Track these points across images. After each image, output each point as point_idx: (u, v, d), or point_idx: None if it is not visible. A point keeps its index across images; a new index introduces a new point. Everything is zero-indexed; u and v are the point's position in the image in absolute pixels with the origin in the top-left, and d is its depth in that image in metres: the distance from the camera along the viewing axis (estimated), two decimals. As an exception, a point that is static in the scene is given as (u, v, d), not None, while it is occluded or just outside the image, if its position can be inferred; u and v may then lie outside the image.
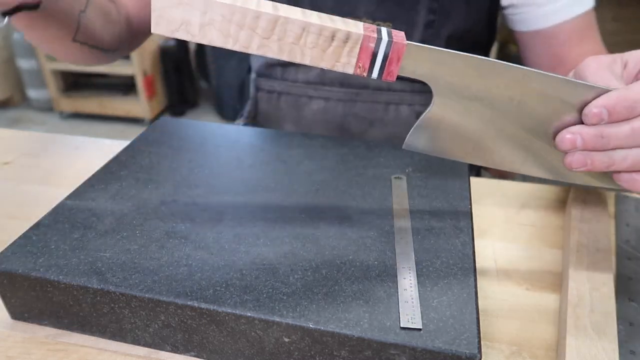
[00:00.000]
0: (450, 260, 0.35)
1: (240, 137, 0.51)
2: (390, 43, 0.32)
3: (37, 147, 0.61)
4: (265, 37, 0.32)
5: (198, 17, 0.32)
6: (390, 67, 0.32)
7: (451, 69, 0.33)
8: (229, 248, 0.36)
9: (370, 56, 0.32)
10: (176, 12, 0.32)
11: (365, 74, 0.33)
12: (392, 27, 0.63)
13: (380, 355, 0.30)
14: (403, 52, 0.32)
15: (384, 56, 0.32)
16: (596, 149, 0.32)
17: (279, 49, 0.32)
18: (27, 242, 0.36)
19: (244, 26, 0.32)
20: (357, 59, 0.32)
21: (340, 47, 0.32)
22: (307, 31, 0.32)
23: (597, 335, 0.34)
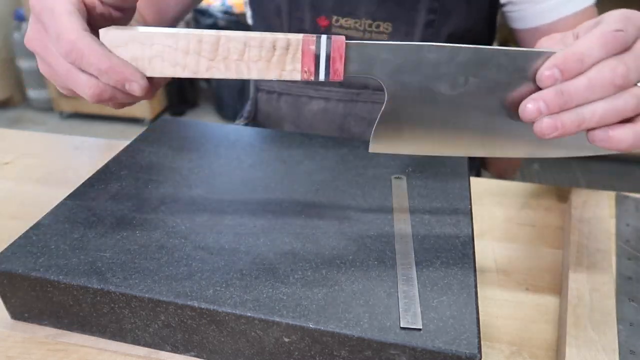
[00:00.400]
0: (450, 260, 0.35)
1: (240, 137, 0.51)
2: (330, 41, 0.32)
3: (37, 147, 0.61)
4: (211, 59, 0.33)
5: (146, 52, 0.34)
6: (335, 66, 0.33)
7: (396, 60, 0.33)
8: (229, 248, 0.36)
9: (313, 58, 0.33)
10: (125, 51, 0.34)
11: (312, 77, 0.33)
12: (393, 27, 0.63)
13: (380, 355, 0.30)
14: (343, 48, 0.33)
15: (326, 55, 0.33)
16: (562, 108, 0.31)
17: (226, 67, 0.34)
18: (27, 242, 0.36)
19: (189, 52, 0.33)
20: (301, 64, 0.33)
21: (283, 54, 0.33)
22: (249, 45, 0.33)
23: (597, 335, 0.34)
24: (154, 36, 0.33)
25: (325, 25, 0.65)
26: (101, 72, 0.33)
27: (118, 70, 0.33)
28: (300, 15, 0.65)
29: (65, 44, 0.33)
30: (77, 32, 0.33)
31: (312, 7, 0.64)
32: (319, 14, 0.64)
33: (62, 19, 0.33)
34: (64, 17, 0.33)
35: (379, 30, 0.64)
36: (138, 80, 0.34)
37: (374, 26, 0.64)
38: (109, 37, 0.34)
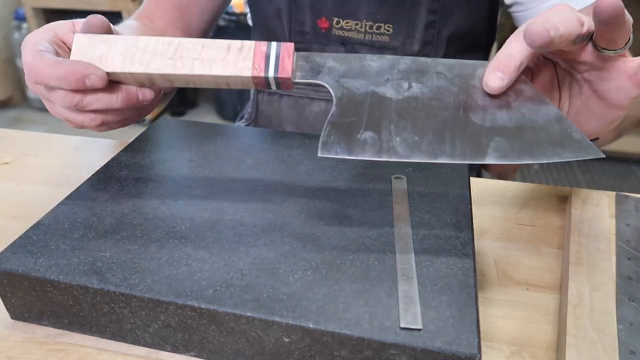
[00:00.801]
0: (450, 260, 0.35)
1: (240, 137, 0.51)
2: (279, 44, 0.37)
3: (37, 147, 0.61)
4: (170, 57, 0.38)
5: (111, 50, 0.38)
6: (284, 64, 0.36)
7: (341, 67, 0.36)
8: (229, 248, 0.36)
9: (264, 57, 0.37)
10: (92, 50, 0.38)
11: (262, 73, 0.36)
12: (393, 29, 0.63)
13: (380, 355, 0.30)
14: (292, 48, 0.37)
15: (276, 54, 0.37)
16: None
17: (182, 64, 0.37)
18: (27, 242, 0.36)
19: (148, 50, 0.38)
20: (252, 62, 0.37)
21: (237, 54, 0.37)
22: (205, 46, 0.37)
23: (597, 335, 0.34)
24: (119, 38, 0.38)
25: (325, 27, 0.65)
26: (60, 79, 0.36)
27: (73, 71, 0.36)
28: (301, 18, 0.65)
29: (26, 69, 0.37)
30: (32, 54, 0.37)
31: (312, 9, 0.64)
32: (320, 15, 0.64)
33: (25, 51, 0.38)
34: (27, 50, 0.38)
35: (379, 31, 0.64)
36: (94, 72, 0.36)
37: (375, 28, 0.64)
38: (80, 39, 0.38)
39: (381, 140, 0.35)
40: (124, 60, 0.38)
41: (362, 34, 0.64)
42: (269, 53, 0.36)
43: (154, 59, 0.37)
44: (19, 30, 2.30)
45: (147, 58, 0.38)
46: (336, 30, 0.65)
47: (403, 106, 0.35)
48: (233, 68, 0.37)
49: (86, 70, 0.36)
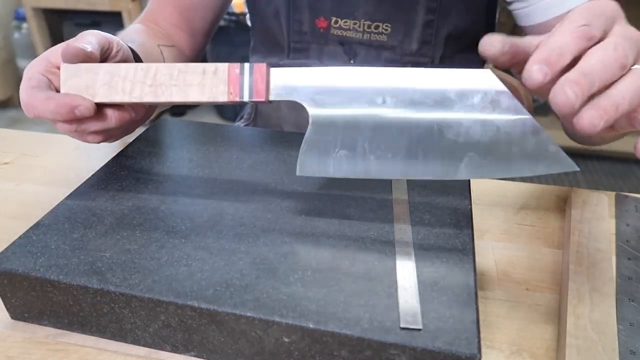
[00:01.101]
0: (450, 260, 0.35)
1: (240, 137, 0.51)
2: (252, 66, 0.37)
3: (37, 147, 0.61)
4: (150, 85, 0.38)
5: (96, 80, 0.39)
6: (257, 87, 0.37)
7: (315, 84, 0.36)
8: (229, 248, 0.36)
9: (238, 81, 0.37)
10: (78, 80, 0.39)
11: (237, 98, 0.37)
12: (391, 28, 0.63)
13: (380, 355, 0.30)
14: (264, 69, 0.36)
15: (249, 78, 0.37)
16: (590, 90, 0.30)
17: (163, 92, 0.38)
18: (27, 242, 0.36)
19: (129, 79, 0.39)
20: (227, 87, 0.37)
21: (212, 78, 0.37)
22: (181, 71, 0.38)
23: (597, 335, 0.34)
24: (101, 67, 0.39)
25: (324, 26, 0.65)
26: (53, 113, 0.39)
27: (63, 103, 0.38)
28: (299, 17, 0.65)
29: (23, 105, 0.39)
30: (26, 91, 0.39)
31: (310, 9, 0.64)
32: (318, 15, 0.64)
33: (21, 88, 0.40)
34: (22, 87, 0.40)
35: (378, 31, 0.64)
36: (82, 102, 0.38)
37: (373, 27, 0.64)
38: (66, 70, 0.40)
39: (356, 158, 0.35)
40: (108, 89, 0.39)
41: (361, 34, 0.64)
42: (242, 76, 0.37)
43: (135, 87, 0.39)
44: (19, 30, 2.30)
45: (129, 87, 0.39)
46: (334, 30, 0.65)
47: (377, 122, 0.35)
48: (209, 93, 0.37)
49: (74, 102, 0.38)
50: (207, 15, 0.70)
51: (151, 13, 0.68)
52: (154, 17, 0.67)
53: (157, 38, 0.61)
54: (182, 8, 0.68)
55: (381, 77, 0.35)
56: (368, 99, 0.35)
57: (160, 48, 0.59)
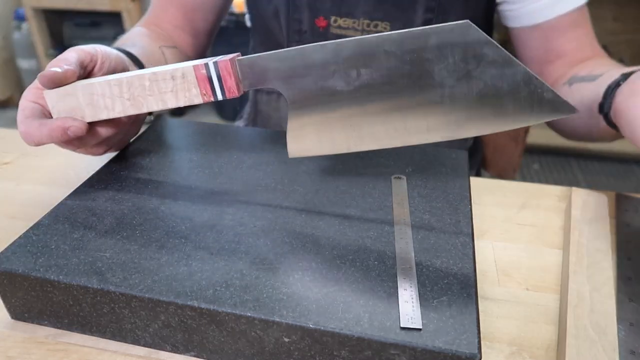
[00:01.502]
0: (450, 260, 0.35)
1: (240, 137, 0.51)
2: (216, 63, 0.35)
3: (37, 147, 0.61)
4: (128, 98, 0.39)
5: (80, 101, 0.40)
6: (227, 84, 0.36)
7: (285, 67, 0.35)
8: (229, 248, 0.36)
9: (207, 81, 0.36)
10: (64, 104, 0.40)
11: (212, 98, 0.37)
12: (390, 27, 0.63)
13: (380, 355, 0.30)
14: (229, 66, 0.35)
15: (217, 76, 0.36)
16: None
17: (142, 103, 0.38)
18: (27, 242, 0.36)
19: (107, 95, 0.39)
20: (199, 89, 0.37)
21: (182, 82, 0.37)
22: (152, 81, 0.37)
23: (597, 335, 0.34)
24: (77, 88, 0.40)
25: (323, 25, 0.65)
26: (49, 137, 0.40)
27: (55, 127, 0.39)
28: (299, 17, 0.65)
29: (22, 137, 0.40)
30: (21, 122, 0.41)
31: (310, 8, 0.64)
32: (317, 14, 0.64)
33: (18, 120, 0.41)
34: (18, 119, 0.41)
35: (377, 30, 0.64)
36: (73, 123, 0.39)
37: (372, 26, 0.64)
38: (48, 96, 0.41)
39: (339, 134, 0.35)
40: (93, 109, 0.40)
41: (360, 32, 0.64)
42: (210, 75, 0.36)
43: (115, 103, 0.39)
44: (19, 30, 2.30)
45: (110, 103, 0.39)
46: (334, 29, 0.65)
47: (356, 97, 0.34)
48: (184, 98, 0.37)
49: (65, 124, 0.39)
50: (209, 16, 0.71)
51: (153, 16, 0.68)
52: (156, 19, 0.68)
53: (159, 40, 0.61)
54: (185, 9, 0.68)
55: (353, 48, 0.33)
56: (342, 74, 0.34)
57: (162, 49, 0.59)
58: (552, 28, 0.62)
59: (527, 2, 0.61)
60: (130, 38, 0.58)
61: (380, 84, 0.34)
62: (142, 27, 0.65)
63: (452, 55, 0.32)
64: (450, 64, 0.32)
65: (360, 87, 0.34)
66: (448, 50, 0.32)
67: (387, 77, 0.34)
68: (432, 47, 0.32)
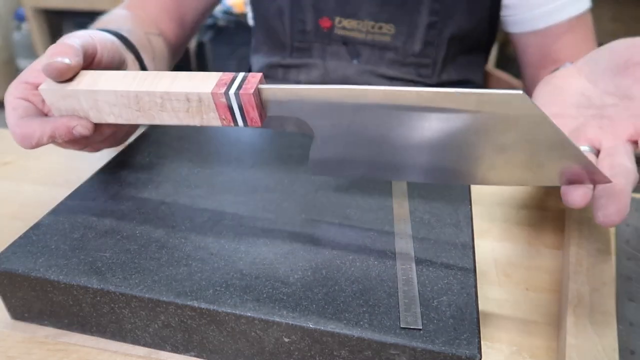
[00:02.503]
0: (450, 260, 0.35)
1: (240, 137, 0.51)
2: (237, 96, 0.33)
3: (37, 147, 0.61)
4: (137, 110, 0.36)
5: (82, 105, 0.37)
6: (250, 115, 0.33)
7: (310, 102, 0.32)
8: (229, 248, 0.36)
9: (228, 109, 0.34)
10: (65, 104, 0.38)
11: (232, 124, 0.34)
12: (395, 29, 0.63)
13: (380, 355, 0.30)
14: (252, 100, 0.33)
15: (239, 106, 0.33)
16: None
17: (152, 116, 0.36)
18: (27, 242, 0.36)
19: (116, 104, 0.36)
20: (218, 114, 0.34)
21: (199, 106, 0.34)
22: (165, 99, 0.35)
23: (597, 335, 0.34)
24: (79, 93, 0.37)
25: (327, 26, 0.65)
26: (51, 136, 0.37)
27: (60, 125, 0.37)
28: (302, 17, 0.65)
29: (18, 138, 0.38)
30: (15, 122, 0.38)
31: (314, 9, 0.64)
32: (321, 15, 0.64)
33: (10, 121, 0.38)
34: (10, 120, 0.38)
35: (381, 31, 0.64)
36: (79, 122, 0.37)
37: (377, 27, 0.64)
38: (47, 94, 0.38)
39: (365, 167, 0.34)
40: (98, 113, 0.37)
41: (364, 34, 0.64)
42: (230, 105, 0.33)
43: (123, 112, 0.36)
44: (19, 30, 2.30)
45: (116, 110, 0.37)
46: (338, 30, 0.65)
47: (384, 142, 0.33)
48: (201, 120, 0.35)
49: (70, 123, 0.37)
50: (198, 5, 0.69)
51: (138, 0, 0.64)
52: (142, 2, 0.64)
53: (144, 25, 0.57)
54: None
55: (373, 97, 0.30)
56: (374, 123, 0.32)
57: (148, 36, 0.56)
58: (550, 34, 0.62)
59: (527, 9, 0.61)
60: (113, 20, 0.54)
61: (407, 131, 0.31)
62: (126, 9, 0.61)
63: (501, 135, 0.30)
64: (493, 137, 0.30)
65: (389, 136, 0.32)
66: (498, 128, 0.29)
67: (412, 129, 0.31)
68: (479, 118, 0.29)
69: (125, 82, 0.36)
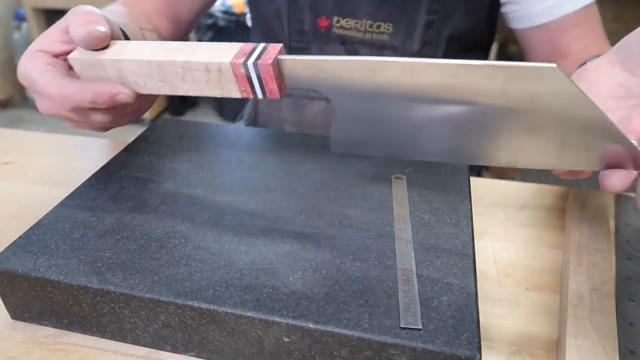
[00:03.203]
0: (450, 260, 0.35)
1: (240, 137, 0.51)
2: (256, 66, 0.33)
3: (37, 147, 0.61)
4: (160, 80, 0.37)
5: (110, 74, 0.38)
6: (268, 87, 0.34)
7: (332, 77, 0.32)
8: (229, 248, 0.36)
9: (247, 80, 0.33)
10: (93, 74, 0.38)
11: (251, 96, 0.34)
12: (393, 28, 0.63)
13: (380, 355, 0.30)
14: (271, 70, 0.33)
15: (257, 77, 0.33)
16: None
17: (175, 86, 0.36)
18: (27, 242, 0.36)
19: (140, 74, 0.37)
20: (237, 85, 0.34)
21: (218, 76, 0.34)
22: (186, 69, 0.35)
23: (597, 335, 0.34)
24: (104, 63, 0.37)
25: (325, 26, 0.65)
26: (92, 102, 0.37)
27: (105, 91, 0.37)
28: (300, 17, 0.65)
29: (52, 99, 0.37)
30: (56, 84, 0.37)
31: (312, 8, 0.64)
32: (319, 15, 0.64)
33: (38, 83, 0.38)
34: (44, 81, 0.38)
35: (379, 30, 0.64)
36: (122, 90, 0.37)
37: (375, 27, 0.64)
38: (76, 63, 0.38)
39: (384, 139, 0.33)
40: (124, 82, 0.38)
41: (362, 33, 0.64)
42: (249, 76, 0.33)
43: (147, 82, 0.37)
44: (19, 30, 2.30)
45: (141, 81, 0.37)
46: (336, 29, 0.65)
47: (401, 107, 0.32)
48: (221, 90, 0.35)
49: (114, 89, 0.37)
50: (193, 5, 0.69)
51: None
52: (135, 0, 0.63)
53: (139, 21, 0.57)
54: None
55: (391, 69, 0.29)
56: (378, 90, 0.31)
57: (143, 32, 0.56)
58: (557, 28, 0.61)
59: (531, 3, 0.61)
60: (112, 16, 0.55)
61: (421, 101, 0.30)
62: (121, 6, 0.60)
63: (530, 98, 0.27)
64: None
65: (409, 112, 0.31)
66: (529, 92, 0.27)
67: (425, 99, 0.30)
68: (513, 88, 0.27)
69: (148, 52, 0.36)
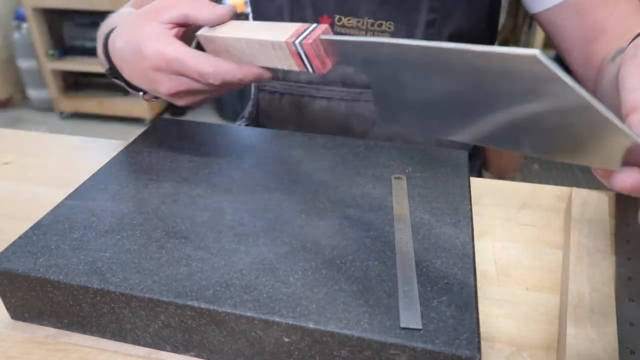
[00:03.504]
0: (450, 260, 0.35)
1: (240, 137, 0.51)
2: (302, 45, 0.37)
3: (37, 147, 0.61)
4: (250, 54, 0.41)
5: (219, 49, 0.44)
6: (314, 63, 0.38)
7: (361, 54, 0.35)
8: (229, 248, 0.36)
9: (299, 57, 0.38)
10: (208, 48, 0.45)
11: (304, 70, 0.39)
12: (394, 27, 0.63)
13: (380, 355, 0.30)
14: (312, 49, 0.37)
15: (304, 55, 0.37)
16: None
17: (257, 59, 0.41)
18: (27, 242, 0.36)
19: (230, 51, 0.42)
20: (294, 60, 0.39)
21: (282, 53, 0.39)
22: (261, 45, 0.40)
23: (597, 335, 0.34)
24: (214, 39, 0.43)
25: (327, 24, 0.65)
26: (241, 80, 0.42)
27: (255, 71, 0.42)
28: (302, 15, 0.65)
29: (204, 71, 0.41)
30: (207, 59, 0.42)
31: (313, 7, 0.64)
32: (321, 13, 0.65)
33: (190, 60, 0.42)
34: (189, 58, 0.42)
35: (381, 29, 0.64)
36: (264, 72, 0.43)
37: (376, 25, 0.64)
38: (202, 39, 0.44)
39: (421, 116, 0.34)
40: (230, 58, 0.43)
41: (364, 32, 0.64)
42: (299, 52, 0.37)
43: (242, 56, 0.42)
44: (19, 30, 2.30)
45: (238, 55, 0.42)
46: (337, 28, 0.65)
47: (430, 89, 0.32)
48: (288, 64, 0.39)
49: (258, 70, 0.43)
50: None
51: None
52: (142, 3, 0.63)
53: None
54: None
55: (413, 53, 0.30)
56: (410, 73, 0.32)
57: None
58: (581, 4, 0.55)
59: None
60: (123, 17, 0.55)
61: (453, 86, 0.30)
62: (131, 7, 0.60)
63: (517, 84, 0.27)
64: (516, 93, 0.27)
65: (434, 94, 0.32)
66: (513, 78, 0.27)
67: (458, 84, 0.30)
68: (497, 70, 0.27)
69: (239, 30, 0.42)
